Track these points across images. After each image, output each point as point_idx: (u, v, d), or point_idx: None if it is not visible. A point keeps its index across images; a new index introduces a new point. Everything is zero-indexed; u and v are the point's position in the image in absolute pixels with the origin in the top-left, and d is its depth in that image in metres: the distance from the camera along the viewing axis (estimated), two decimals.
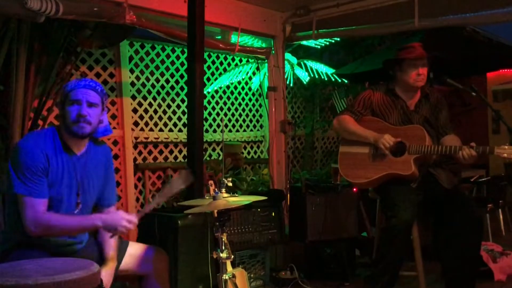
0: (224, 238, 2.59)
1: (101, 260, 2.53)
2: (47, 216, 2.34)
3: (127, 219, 2.39)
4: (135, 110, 5.00)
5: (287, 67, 5.65)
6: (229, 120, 5.93)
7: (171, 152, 5.34)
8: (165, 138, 5.27)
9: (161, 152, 5.26)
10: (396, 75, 3.47)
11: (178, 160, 5.36)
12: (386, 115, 3.45)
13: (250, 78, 6.00)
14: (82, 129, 2.41)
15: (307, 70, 6.11)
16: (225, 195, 2.64)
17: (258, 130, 6.27)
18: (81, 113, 2.39)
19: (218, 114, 5.81)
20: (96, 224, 2.40)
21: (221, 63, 5.87)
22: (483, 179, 5.99)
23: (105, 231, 2.45)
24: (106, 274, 2.46)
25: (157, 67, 5.21)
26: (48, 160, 2.37)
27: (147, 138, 5.10)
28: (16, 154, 2.36)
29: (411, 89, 3.45)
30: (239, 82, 6.02)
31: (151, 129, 5.14)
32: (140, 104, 5.06)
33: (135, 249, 2.67)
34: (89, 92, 2.43)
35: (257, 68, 5.49)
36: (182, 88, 5.40)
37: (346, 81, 6.41)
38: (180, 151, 5.40)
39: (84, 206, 2.51)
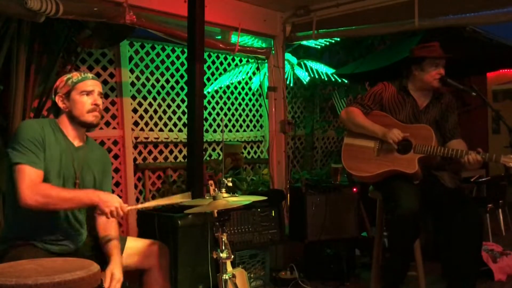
0: (224, 238, 2.58)
1: (100, 258, 2.52)
2: (44, 185, 2.32)
3: (120, 205, 2.36)
4: (135, 110, 5.01)
5: (287, 67, 5.64)
6: (229, 120, 5.94)
7: (171, 152, 5.35)
8: (165, 138, 5.27)
9: (161, 152, 5.27)
10: (413, 74, 3.40)
11: (178, 160, 5.36)
12: (395, 112, 3.41)
13: (250, 78, 6.00)
14: (97, 118, 2.49)
15: (307, 70, 6.11)
16: (225, 195, 2.63)
17: (258, 130, 6.27)
18: (97, 103, 2.48)
19: (218, 114, 5.81)
20: (93, 199, 2.35)
21: (221, 63, 5.87)
22: (483, 179, 5.98)
23: (99, 211, 2.39)
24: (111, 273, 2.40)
25: (157, 67, 5.21)
26: (45, 136, 2.38)
27: (147, 138, 5.10)
28: (15, 133, 2.42)
29: (426, 88, 3.40)
30: (239, 82, 6.02)
31: (151, 129, 5.14)
32: (140, 104, 5.07)
33: (136, 244, 2.68)
34: (99, 84, 2.54)
35: (257, 68, 5.49)
36: (182, 88, 5.40)
37: (346, 81, 6.40)
38: (180, 151, 5.40)
39: None
